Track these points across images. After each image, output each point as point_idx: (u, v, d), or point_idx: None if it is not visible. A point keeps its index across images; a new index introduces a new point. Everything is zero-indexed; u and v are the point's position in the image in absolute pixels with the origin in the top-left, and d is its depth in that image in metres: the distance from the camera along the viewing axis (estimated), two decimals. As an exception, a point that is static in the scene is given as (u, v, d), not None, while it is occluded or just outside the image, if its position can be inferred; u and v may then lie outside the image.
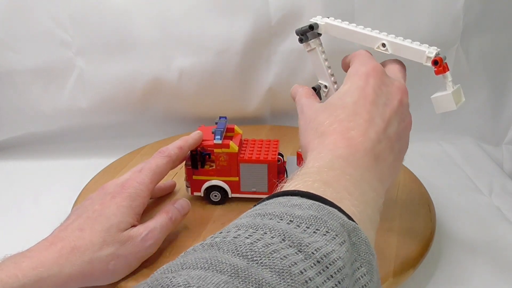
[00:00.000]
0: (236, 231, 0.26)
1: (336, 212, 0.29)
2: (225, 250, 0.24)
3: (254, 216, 0.28)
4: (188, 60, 0.74)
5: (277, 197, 0.31)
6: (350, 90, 0.41)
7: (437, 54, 0.43)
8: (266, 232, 0.25)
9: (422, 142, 0.80)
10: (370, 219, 0.33)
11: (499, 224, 0.60)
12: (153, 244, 0.46)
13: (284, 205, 0.29)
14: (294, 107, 0.46)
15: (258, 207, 0.30)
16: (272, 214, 0.27)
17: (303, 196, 0.30)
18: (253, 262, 0.23)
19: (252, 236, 0.25)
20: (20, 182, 0.71)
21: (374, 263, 0.28)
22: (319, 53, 0.49)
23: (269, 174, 0.55)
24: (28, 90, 0.74)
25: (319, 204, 0.29)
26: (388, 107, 0.40)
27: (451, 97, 0.43)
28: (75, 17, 0.71)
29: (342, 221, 0.28)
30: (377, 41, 0.46)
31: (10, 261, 0.40)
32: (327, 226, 0.27)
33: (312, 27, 0.48)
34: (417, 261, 0.48)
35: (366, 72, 0.41)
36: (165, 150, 0.51)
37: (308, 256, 0.24)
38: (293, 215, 0.27)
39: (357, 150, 0.37)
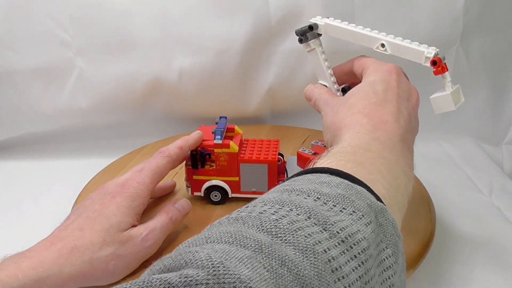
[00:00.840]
0: (262, 206, 0.26)
1: (365, 192, 0.28)
2: (250, 225, 0.24)
3: (281, 191, 0.28)
4: (188, 60, 0.74)
5: (306, 173, 0.31)
6: (377, 81, 0.42)
7: (436, 55, 0.43)
8: (292, 209, 0.25)
9: (422, 142, 0.80)
10: (399, 204, 0.33)
11: (499, 224, 0.60)
12: (153, 244, 0.46)
13: (312, 182, 0.29)
14: (294, 107, 0.46)
15: (287, 182, 0.29)
16: (300, 190, 0.27)
17: (333, 174, 0.30)
18: (277, 239, 0.23)
19: (278, 212, 0.25)
20: (20, 182, 0.71)
21: (400, 245, 0.28)
22: (319, 54, 0.49)
23: (269, 174, 0.55)
24: (28, 90, 0.74)
25: (348, 183, 0.29)
26: (410, 102, 0.42)
27: (450, 97, 0.43)
28: (75, 17, 0.71)
29: (369, 202, 0.28)
30: (376, 42, 0.46)
31: (10, 261, 0.40)
32: (354, 205, 0.27)
33: (312, 28, 0.48)
34: (417, 261, 0.48)
35: (389, 69, 0.43)
36: (165, 150, 0.51)
37: (333, 235, 0.24)
38: (321, 192, 0.27)
39: (394, 134, 0.37)
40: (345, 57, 0.69)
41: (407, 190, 0.35)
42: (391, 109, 0.39)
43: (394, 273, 0.27)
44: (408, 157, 0.38)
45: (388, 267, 0.26)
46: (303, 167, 0.55)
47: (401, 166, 0.36)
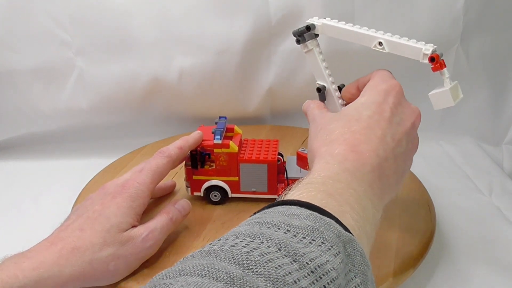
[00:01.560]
0: (234, 239, 0.26)
1: (333, 223, 0.29)
2: (222, 257, 0.25)
3: (253, 224, 0.28)
4: (188, 60, 0.74)
5: (277, 206, 0.31)
6: (367, 103, 0.41)
7: (433, 51, 0.43)
8: (263, 241, 0.26)
9: (422, 142, 0.80)
10: (367, 235, 0.34)
11: (499, 224, 0.60)
12: (154, 244, 0.45)
13: (283, 214, 0.29)
14: (294, 107, 0.46)
15: (258, 215, 0.30)
16: (270, 223, 0.28)
17: (303, 206, 0.30)
18: (248, 271, 0.24)
19: (249, 245, 0.26)
20: (20, 182, 0.71)
21: (369, 273, 0.29)
22: (316, 54, 0.49)
23: (269, 174, 0.55)
24: (28, 90, 0.74)
25: (317, 215, 0.29)
26: (401, 127, 0.40)
27: (449, 93, 0.43)
28: (75, 17, 0.71)
29: (338, 232, 0.28)
30: (373, 40, 0.46)
31: (10, 261, 0.40)
32: (323, 236, 0.27)
33: (309, 28, 0.48)
34: (417, 261, 0.48)
35: (386, 89, 0.41)
36: (165, 150, 0.51)
37: (303, 266, 0.25)
38: (291, 224, 0.28)
39: (364, 165, 0.37)
40: (345, 57, 0.69)
41: (375, 220, 0.36)
42: (370, 137, 0.38)
43: None
44: (378, 188, 0.37)
45: None
46: (303, 167, 0.55)
47: (369, 197, 0.36)
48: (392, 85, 0.42)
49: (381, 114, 0.40)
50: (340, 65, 0.52)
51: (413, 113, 0.42)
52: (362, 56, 0.68)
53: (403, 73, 0.46)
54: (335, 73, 0.50)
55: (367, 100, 0.41)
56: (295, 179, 0.55)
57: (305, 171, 0.55)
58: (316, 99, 0.50)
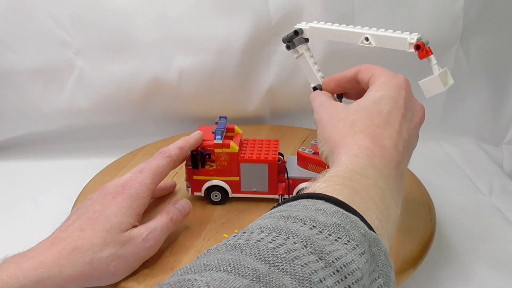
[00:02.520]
0: (259, 233, 0.26)
1: (359, 221, 0.29)
2: (247, 253, 0.25)
3: (278, 218, 0.28)
4: (188, 60, 0.74)
5: (302, 198, 0.31)
6: (384, 98, 0.40)
7: (418, 39, 0.43)
8: (289, 237, 0.26)
9: (422, 142, 0.80)
10: (388, 233, 0.34)
11: (499, 224, 0.60)
12: (154, 244, 0.46)
13: (308, 209, 0.29)
14: (294, 107, 0.46)
15: (283, 207, 0.30)
16: (296, 218, 0.28)
17: (328, 201, 0.30)
18: (274, 268, 0.24)
19: (275, 240, 0.25)
20: (20, 182, 0.71)
21: (391, 274, 0.29)
22: (307, 58, 0.50)
23: (269, 174, 0.55)
24: (28, 90, 0.74)
25: (343, 212, 0.29)
26: (413, 122, 0.41)
27: (438, 79, 0.43)
28: (75, 17, 0.71)
29: (364, 231, 0.28)
30: (360, 36, 0.46)
31: (10, 262, 0.40)
32: (349, 235, 0.27)
33: (297, 33, 0.49)
34: (417, 261, 0.48)
35: (399, 84, 0.41)
36: (166, 150, 0.51)
37: (328, 264, 0.25)
38: (317, 220, 0.27)
39: (390, 162, 0.37)
40: (344, 57, 0.69)
41: (396, 219, 0.36)
42: (392, 132, 0.38)
43: None
44: (399, 185, 0.38)
45: None
46: (303, 167, 0.55)
47: (393, 196, 0.36)
48: (403, 80, 0.42)
49: (399, 109, 0.40)
50: (339, 65, 0.52)
51: (420, 109, 0.43)
52: (361, 56, 0.68)
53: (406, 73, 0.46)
54: (335, 73, 0.50)
55: (384, 94, 0.41)
56: (295, 179, 0.55)
57: (305, 171, 0.55)
58: None
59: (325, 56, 0.73)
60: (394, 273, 0.44)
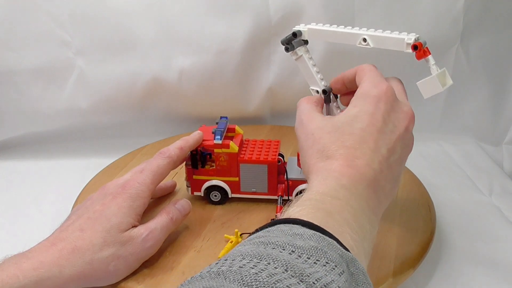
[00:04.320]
0: (241, 260, 0.27)
1: (335, 243, 0.30)
2: (231, 279, 0.25)
3: (258, 244, 0.29)
4: (188, 60, 0.74)
5: (279, 224, 0.32)
6: (359, 115, 0.40)
7: (416, 40, 0.43)
8: (270, 262, 0.26)
9: (422, 142, 0.80)
10: (365, 252, 0.34)
11: (499, 224, 0.60)
12: (154, 244, 0.46)
13: (286, 234, 0.30)
14: (294, 107, 0.46)
15: (261, 233, 0.30)
16: (275, 244, 0.28)
17: (304, 226, 0.31)
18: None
19: (257, 266, 0.26)
20: (20, 182, 0.71)
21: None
22: (306, 60, 0.50)
23: (269, 175, 0.55)
24: (28, 90, 0.74)
25: (320, 235, 0.30)
26: (394, 134, 0.40)
27: (436, 79, 0.43)
28: (75, 17, 0.71)
29: (341, 252, 0.29)
30: (357, 37, 0.46)
31: (10, 262, 0.40)
32: (326, 256, 0.28)
33: (296, 35, 0.49)
34: (417, 261, 0.48)
35: (378, 96, 0.40)
36: (166, 151, 0.51)
37: (310, 285, 0.25)
38: (295, 245, 0.28)
39: (360, 181, 0.37)
40: (345, 57, 0.69)
41: (371, 237, 0.36)
42: (365, 151, 0.38)
43: None
44: (374, 203, 0.37)
45: None
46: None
47: (366, 214, 0.36)
48: (382, 90, 0.40)
49: (374, 124, 0.39)
50: (339, 66, 0.52)
51: (406, 116, 0.41)
52: (361, 56, 0.68)
53: (403, 73, 0.46)
54: (335, 74, 0.50)
55: (359, 111, 0.40)
56: (295, 180, 0.55)
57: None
58: None
59: (325, 57, 0.73)
60: (394, 273, 0.45)
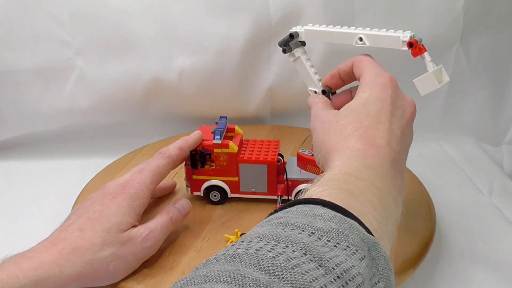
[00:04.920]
0: (258, 242, 0.26)
1: (357, 225, 0.29)
2: (247, 263, 0.24)
3: (276, 225, 0.28)
4: (188, 60, 0.74)
5: (299, 204, 0.31)
6: (371, 99, 0.41)
7: (411, 37, 0.43)
8: (288, 245, 0.26)
9: (422, 142, 0.80)
10: (388, 234, 0.33)
11: (499, 224, 0.60)
12: (154, 244, 0.46)
13: (306, 215, 0.29)
14: (294, 107, 0.46)
15: (280, 214, 0.30)
16: (294, 225, 0.28)
17: (326, 206, 0.30)
18: (275, 277, 0.23)
19: (274, 249, 0.25)
20: (20, 182, 0.71)
21: (392, 278, 0.28)
22: (304, 61, 0.50)
23: (268, 175, 0.55)
24: (28, 90, 0.74)
25: (341, 217, 0.29)
26: (404, 119, 0.41)
27: (433, 76, 0.43)
28: (75, 17, 0.71)
29: (362, 235, 0.28)
30: (354, 37, 0.46)
31: (10, 262, 0.40)
32: (347, 240, 0.27)
33: (293, 36, 0.49)
34: (417, 261, 0.48)
35: (385, 83, 0.41)
36: (165, 151, 0.51)
37: (329, 271, 0.25)
38: (315, 227, 0.27)
39: (385, 160, 0.37)
40: (344, 58, 0.69)
41: (396, 219, 0.36)
42: (383, 131, 0.38)
43: None
44: (398, 183, 0.37)
45: None
46: (303, 168, 0.55)
47: (392, 195, 0.36)
48: (389, 78, 0.42)
49: (387, 108, 0.40)
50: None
51: (410, 104, 0.42)
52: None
53: (404, 73, 0.46)
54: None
55: (370, 95, 0.41)
56: (294, 180, 0.55)
57: (304, 172, 0.55)
58: None
59: (323, 57, 0.73)
60: (394, 273, 0.45)
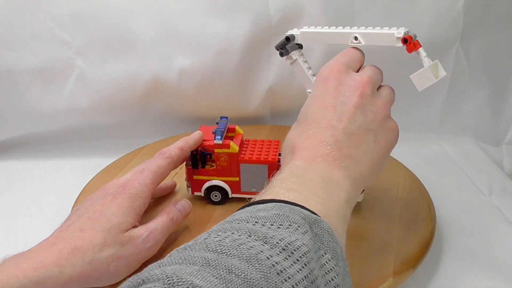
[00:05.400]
0: (207, 235, 0.28)
1: (298, 208, 0.31)
2: (196, 249, 0.26)
3: (223, 223, 0.30)
4: (188, 60, 0.74)
5: (245, 207, 0.33)
6: (311, 100, 0.43)
7: (406, 33, 0.43)
8: (234, 232, 0.28)
9: (422, 142, 0.80)
10: (337, 212, 0.35)
11: (499, 224, 0.60)
12: (154, 245, 0.45)
13: (250, 212, 0.31)
14: (294, 107, 0.47)
15: (228, 217, 0.32)
16: (239, 219, 0.30)
17: (268, 203, 0.32)
18: (222, 254, 0.25)
19: (220, 235, 0.27)
20: (20, 182, 0.71)
21: (338, 250, 0.30)
22: (301, 64, 0.50)
23: (269, 175, 0.55)
24: (28, 90, 0.74)
25: (281, 204, 0.31)
26: (346, 105, 0.41)
27: (429, 70, 0.43)
28: (75, 17, 0.71)
29: (303, 215, 0.30)
30: (349, 36, 0.46)
31: (10, 262, 0.40)
32: (289, 219, 0.29)
33: (289, 39, 0.50)
34: (417, 261, 0.48)
35: (325, 77, 0.43)
36: (166, 151, 0.51)
37: (274, 245, 0.26)
38: (258, 216, 0.29)
39: (314, 157, 0.38)
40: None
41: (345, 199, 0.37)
42: (316, 130, 0.40)
43: (337, 275, 0.29)
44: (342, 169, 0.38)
45: (330, 269, 0.28)
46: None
47: (331, 181, 0.37)
48: (330, 69, 0.42)
49: (323, 104, 0.41)
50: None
51: (358, 84, 0.41)
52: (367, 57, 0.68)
53: (406, 73, 0.46)
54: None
55: (312, 95, 0.43)
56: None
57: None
58: None
59: (323, 58, 0.73)
60: (394, 273, 0.45)
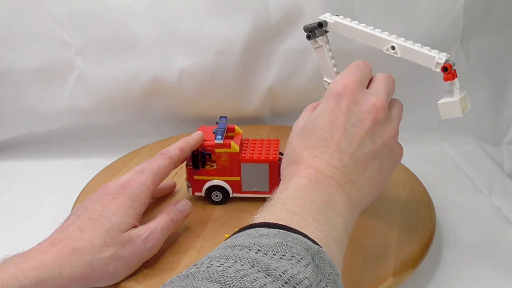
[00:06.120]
0: (209, 262, 0.28)
1: (300, 237, 0.30)
2: (199, 278, 0.26)
3: (225, 248, 0.30)
4: (188, 60, 0.74)
5: (246, 229, 0.32)
6: (321, 114, 0.41)
7: (446, 61, 0.42)
8: (236, 261, 0.27)
9: (422, 142, 0.80)
10: (336, 242, 0.35)
11: (499, 224, 0.60)
12: (154, 245, 0.45)
13: (252, 236, 0.30)
14: (294, 107, 0.47)
15: (229, 240, 0.31)
16: (241, 245, 0.29)
17: (270, 227, 0.32)
18: (225, 285, 0.25)
19: (223, 264, 0.27)
20: (20, 182, 0.71)
21: (339, 282, 0.30)
22: (326, 51, 0.49)
23: (270, 174, 0.55)
24: (28, 90, 0.74)
25: (284, 232, 0.30)
26: (357, 129, 0.40)
27: (458, 104, 0.43)
28: (75, 17, 0.71)
29: (306, 246, 0.29)
30: (386, 43, 0.45)
31: (10, 262, 0.40)
32: (292, 251, 0.28)
33: (321, 25, 0.48)
34: (417, 261, 0.48)
35: (339, 92, 0.41)
36: (166, 151, 0.51)
37: (276, 278, 0.26)
38: (260, 244, 0.29)
39: (319, 179, 0.38)
40: (350, 57, 0.69)
41: (344, 227, 0.36)
42: (323, 149, 0.39)
43: None
44: (344, 194, 0.38)
45: None
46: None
47: (332, 207, 0.37)
48: (345, 85, 0.41)
49: (334, 122, 0.40)
50: (338, 66, 0.52)
51: (372, 108, 0.40)
52: (367, 57, 0.68)
53: (406, 73, 0.46)
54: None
55: (322, 109, 0.41)
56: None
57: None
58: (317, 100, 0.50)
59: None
60: (394, 273, 0.45)
